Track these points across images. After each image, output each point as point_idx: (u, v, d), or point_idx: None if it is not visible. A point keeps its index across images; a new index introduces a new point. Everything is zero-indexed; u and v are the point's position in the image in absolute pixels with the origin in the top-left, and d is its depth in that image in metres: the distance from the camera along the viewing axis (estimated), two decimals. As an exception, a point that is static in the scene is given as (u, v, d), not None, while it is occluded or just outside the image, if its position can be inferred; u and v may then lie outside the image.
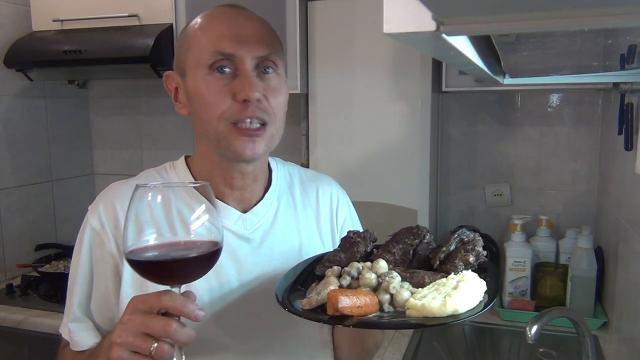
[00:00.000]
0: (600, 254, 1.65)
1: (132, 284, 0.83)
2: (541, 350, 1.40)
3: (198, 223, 0.67)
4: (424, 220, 1.71)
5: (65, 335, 0.87)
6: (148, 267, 0.66)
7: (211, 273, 0.85)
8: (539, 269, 1.70)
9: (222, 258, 0.86)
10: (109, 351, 0.66)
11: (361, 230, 1.01)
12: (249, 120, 0.80)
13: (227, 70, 0.80)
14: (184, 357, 0.67)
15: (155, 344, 0.64)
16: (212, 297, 0.86)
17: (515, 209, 1.93)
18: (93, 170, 2.46)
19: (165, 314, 0.65)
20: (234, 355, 0.87)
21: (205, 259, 0.66)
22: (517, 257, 1.68)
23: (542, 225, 1.75)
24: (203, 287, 0.85)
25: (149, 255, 0.65)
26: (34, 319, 1.70)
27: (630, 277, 1.32)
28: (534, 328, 1.02)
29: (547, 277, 1.68)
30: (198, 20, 0.85)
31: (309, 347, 0.94)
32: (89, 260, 0.86)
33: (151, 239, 0.65)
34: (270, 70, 0.83)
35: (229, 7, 0.86)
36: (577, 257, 1.59)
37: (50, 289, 1.89)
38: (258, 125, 0.82)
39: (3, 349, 1.78)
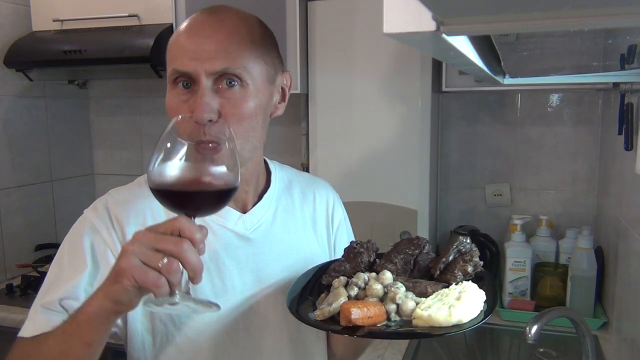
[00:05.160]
0: (600, 254, 1.65)
1: None
2: (541, 350, 1.40)
3: (219, 161, 0.71)
4: (424, 220, 1.71)
5: (23, 331, 0.82)
6: (168, 194, 0.70)
7: (214, 273, 0.87)
8: (539, 269, 1.70)
9: (224, 258, 0.88)
10: (117, 261, 0.66)
11: (352, 235, 1.09)
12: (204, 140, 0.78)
13: (189, 84, 0.79)
14: (190, 285, 0.68)
15: (165, 259, 0.64)
16: (217, 298, 0.86)
17: (515, 209, 1.93)
18: (93, 170, 2.46)
19: None
20: (236, 354, 0.88)
21: (221, 193, 0.70)
22: (517, 257, 1.68)
23: (542, 225, 1.75)
24: (207, 288, 0.86)
25: (171, 182, 0.69)
26: (34, 319, 1.69)
27: (630, 277, 1.32)
28: (534, 328, 1.02)
29: (547, 277, 1.68)
30: (179, 28, 0.83)
31: (306, 344, 0.96)
32: (91, 259, 0.83)
33: (174, 168, 0.69)
34: (235, 83, 0.80)
35: (206, 15, 0.82)
36: (577, 257, 1.59)
37: (50, 289, 1.89)
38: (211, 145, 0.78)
39: (3, 349, 1.77)
